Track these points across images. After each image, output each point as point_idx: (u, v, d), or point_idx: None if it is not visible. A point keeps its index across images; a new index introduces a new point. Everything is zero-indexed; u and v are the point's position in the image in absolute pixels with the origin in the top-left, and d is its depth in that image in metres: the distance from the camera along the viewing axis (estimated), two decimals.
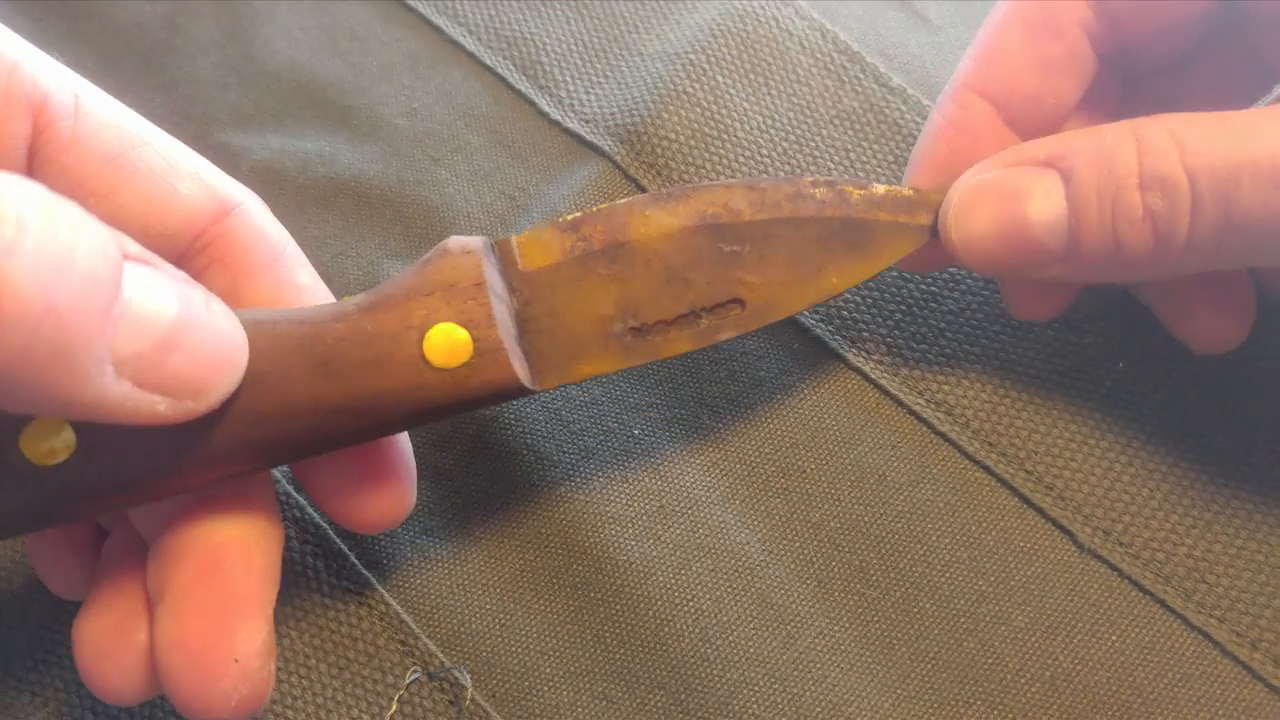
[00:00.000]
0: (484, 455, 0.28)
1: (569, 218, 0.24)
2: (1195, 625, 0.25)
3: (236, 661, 0.20)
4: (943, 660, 0.25)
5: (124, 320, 0.17)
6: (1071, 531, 0.26)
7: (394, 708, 0.25)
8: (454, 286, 0.21)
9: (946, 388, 0.28)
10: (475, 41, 0.34)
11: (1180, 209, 0.21)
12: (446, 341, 0.21)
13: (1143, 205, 0.22)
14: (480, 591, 0.27)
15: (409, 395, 0.21)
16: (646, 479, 0.27)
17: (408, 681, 0.25)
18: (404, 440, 0.24)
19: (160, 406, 0.18)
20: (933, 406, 0.28)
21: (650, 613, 0.26)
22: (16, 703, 0.25)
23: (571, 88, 0.33)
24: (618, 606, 0.26)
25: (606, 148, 0.31)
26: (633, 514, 0.27)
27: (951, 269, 0.29)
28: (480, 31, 0.34)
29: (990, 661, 0.25)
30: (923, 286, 0.29)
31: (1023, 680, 0.25)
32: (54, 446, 0.19)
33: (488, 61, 0.34)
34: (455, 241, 0.22)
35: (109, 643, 0.21)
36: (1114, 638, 0.25)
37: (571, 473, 0.28)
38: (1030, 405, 0.27)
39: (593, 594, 0.26)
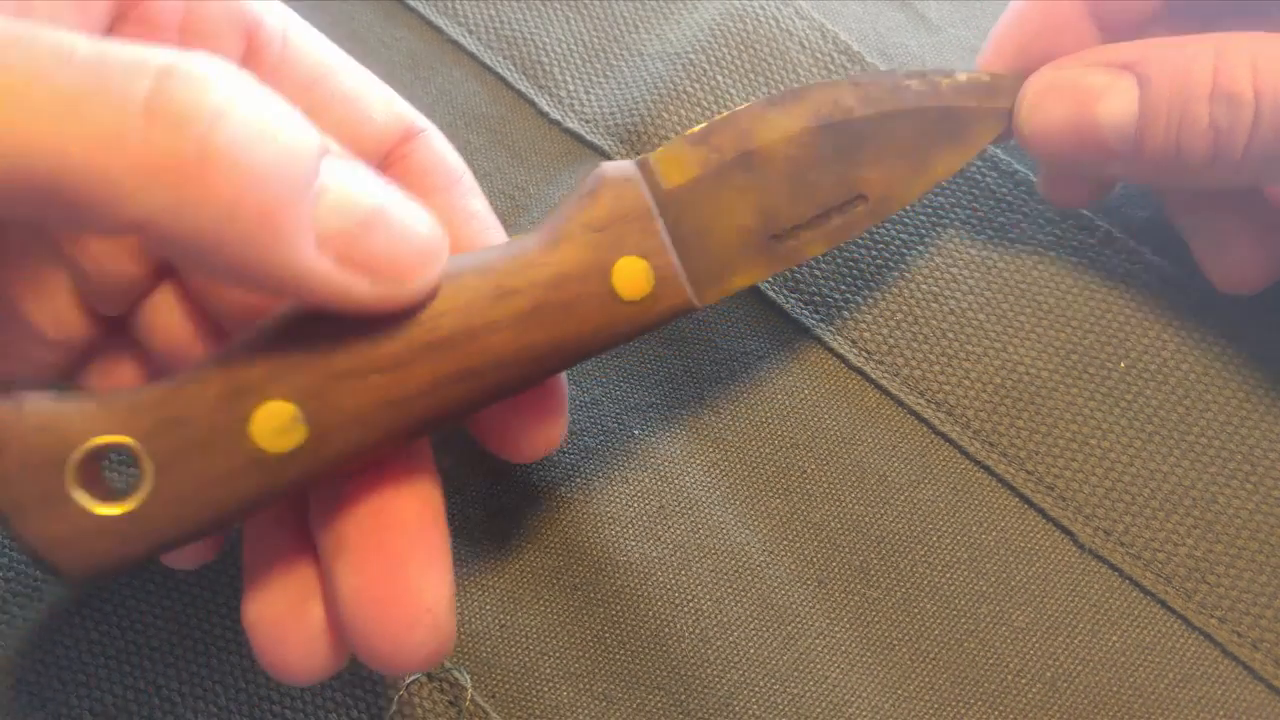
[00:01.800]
0: (484, 456, 0.28)
1: (696, 130, 0.24)
2: (1196, 625, 0.25)
3: (429, 611, 0.20)
4: (943, 660, 0.25)
5: (326, 196, 0.17)
6: (1072, 531, 0.26)
7: (394, 708, 0.25)
8: (626, 218, 0.21)
9: (946, 388, 0.28)
10: (475, 41, 0.34)
11: (1241, 125, 0.22)
12: (631, 275, 0.21)
13: (1208, 117, 0.23)
14: (480, 592, 0.27)
15: (602, 332, 0.21)
16: (646, 479, 0.27)
17: (407, 682, 0.25)
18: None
19: (362, 287, 0.18)
20: (933, 406, 0.28)
21: (650, 613, 0.26)
22: (16, 702, 0.25)
23: (571, 87, 0.33)
24: (618, 607, 0.26)
25: (606, 147, 0.31)
26: (633, 514, 0.27)
27: (955, 271, 0.29)
28: (480, 31, 0.34)
29: (991, 662, 0.25)
30: (923, 286, 0.29)
31: (1023, 680, 0.25)
32: (285, 435, 0.19)
33: (487, 61, 0.34)
34: (612, 170, 0.22)
35: (286, 622, 0.21)
36: (1115, 638, 0.25)
37: (571, 473, 0.28)
38: (1030, 405, 0.27)
39: (593, 594, 0.26)
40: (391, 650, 0.20)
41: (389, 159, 0.24)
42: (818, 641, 0.26)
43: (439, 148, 0.24)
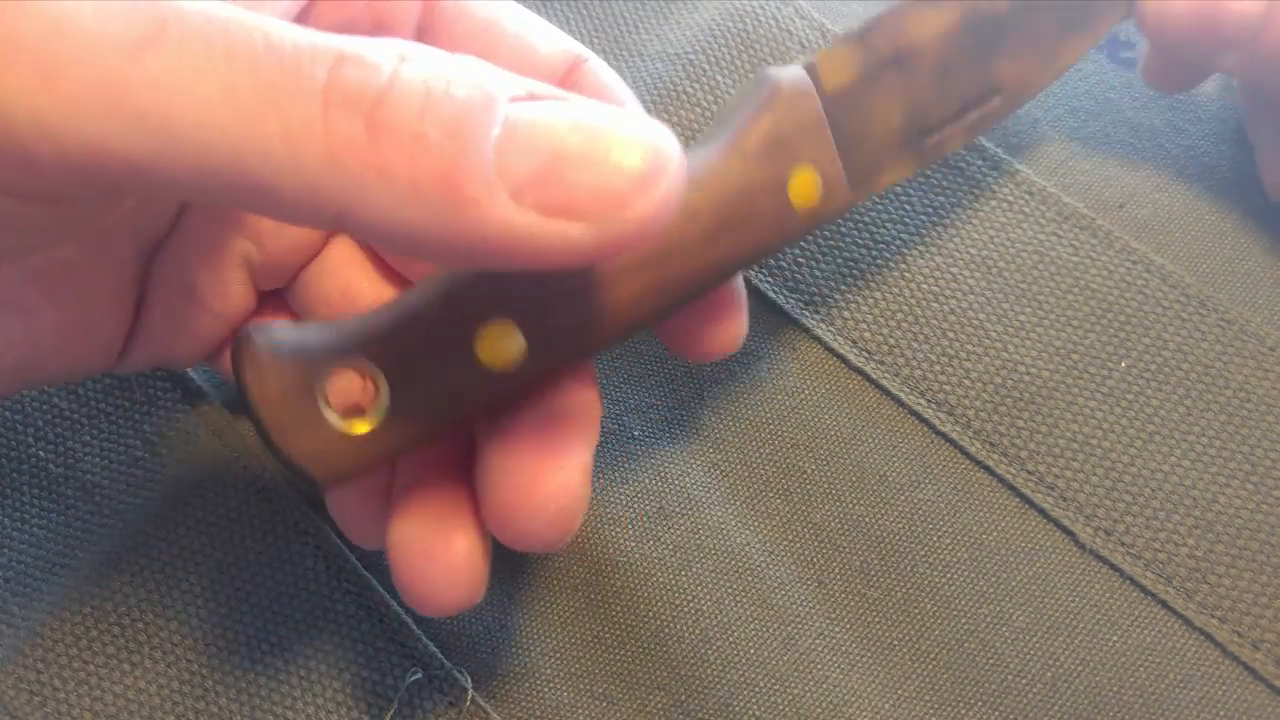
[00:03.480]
0: None
1: (855, 29, 0.24)
2: (1197, 626, 0.25)
3: (565, 490, 0.20)
4: (943, 661, 0.25)
5: (511, 140, 0.16)
6: (1073, 532, 0.26)
7: (394, 708, 0.25)
8: (801, 128, 0.22)
9: (947, 388, 0.28)
10: None
11: None
12: (805, 185, 0.22)
13: None
14: None
15: (777, 239, 0.22)
16: (646, 479, 0.27)
17: (408, 682, 0.25)
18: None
19: (576, 232, 0.16)
20: (933, 406, 0.28)
21: (650, 614, 0.26)
22: (15, 702, 0.25)
23: None
24: (618, 607, 0.26)
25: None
26: (633, 514, 0.27)
27: (955, 271, 0.29)
28: None
29: (991, 662, 0.25)
30: (924, 286, 0.29)
31: (1023, 681, 0.25)
32: (508, 352, 0.20)
33: None
34: (787, 79, 0.22)
35: (431, 547, 0.21)
36: (1115, 638, 0.25)
37: None
38: (1031, 405, 0.27)
39: (593, 595, 0.26)
40: (529, 526, 0.20)
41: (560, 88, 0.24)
42: (818, 642, 0.26)
43: (603, 73, 0.24)
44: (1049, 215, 0.29)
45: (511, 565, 0.27)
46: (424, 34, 0.23)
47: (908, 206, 0.30)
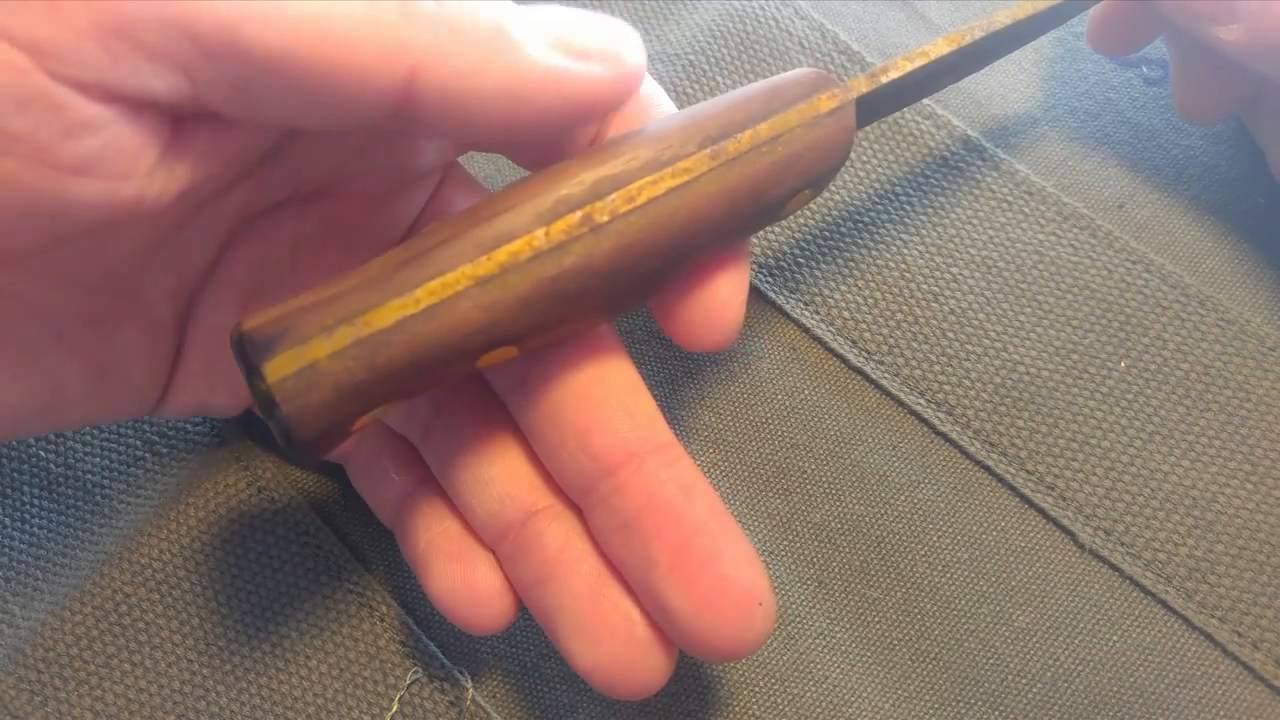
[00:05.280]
0: None
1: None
2: (1197, 625, 0.25)
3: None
4: (943, 661, 0.25)
5: (533, 18, 0.19)
6: (1072, 532, 0.26)
7: (394, 708, 0.25)
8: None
9: (947, 388, 0.28)
10: None
11: None
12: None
13: None
14: None
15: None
16: None
17: (408, 682, 0.25)
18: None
19: (597, 70, 0.20)
20: (933, 406, 0.28)
21: None
22: (16, 702, 0.25)
23: None
24: None
25: None
26: None
27: (955, 271, 0.29)
28: None
29: (991, 662, 0.25)
30: (924, 286, 0.29)
31: (1023, 680, 0.25)
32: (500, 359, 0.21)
33: None
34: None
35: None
36: (1115, 638, 0.25)
37: None
38: (1031, 405, 0.27)
39: None
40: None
41: None
42: (818, 641, 0.26)
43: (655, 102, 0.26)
44: (1049, 215, 0.29)
45: None
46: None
47: (908, 206, 0.30)
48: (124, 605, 0.26)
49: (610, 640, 0.21)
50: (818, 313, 0.29)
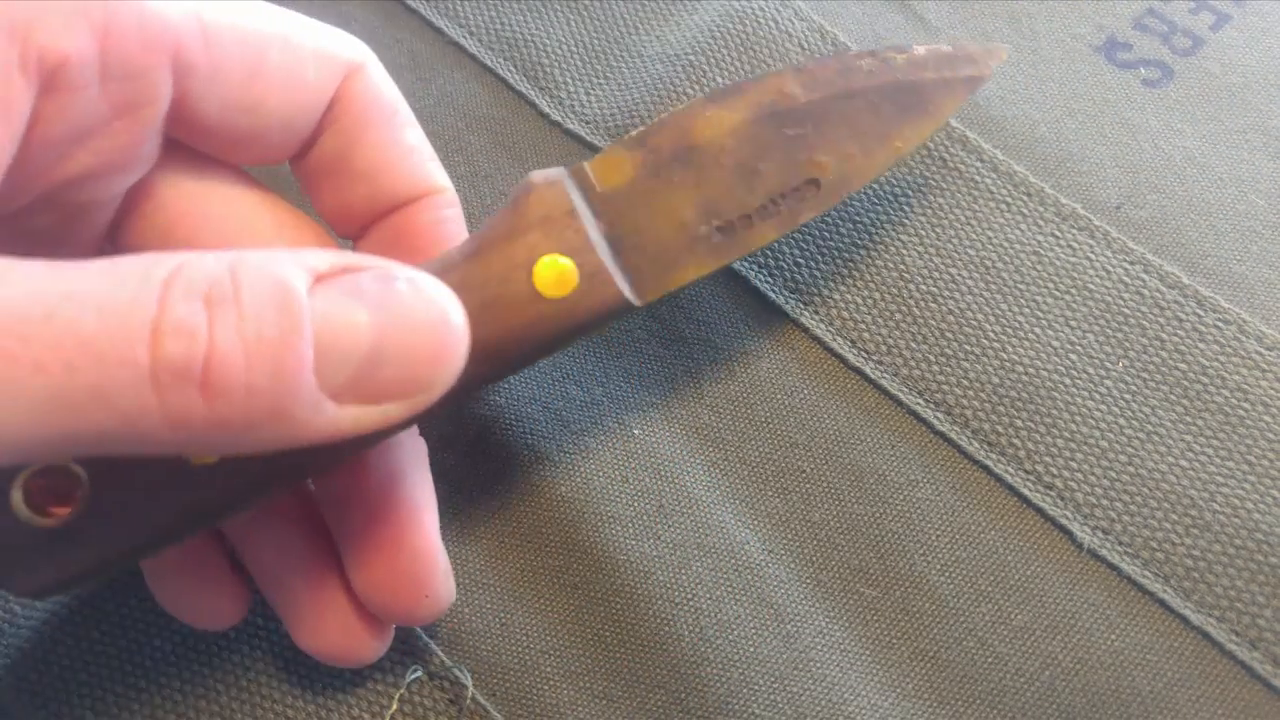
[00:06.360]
0: (484, 455, 0.28)
1: (634, 134, 0.24)
2: (1194, 625, 0.25)
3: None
4: (942, 660, 0.26)
5: (323, 359, 0.17)
6: (1071, 531, 0.26)
7: (394, 706, 0.25)
8: (549, 218, 0.22)
9: (946, 387, 0.28)
10: (476, 43, 0.34)
11: None
12: (554, 272, 0.22)
13: None
14: (480, 591, 0.27)
15: (528, 330, 0.22)
16: (646, 479, 0.27)
17: (408, 680, 0.25)
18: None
19: (394, 412, 0.18)
20: (932, 406, 0.28)
21: (650, 612, 0.26)
22: (16, 702, 0.25)
23: (572, 89, 0.33)
24: (617, 606, 0.26)
25: (607, 149, 0.31)
26: (633, 514, 0.27)
27: (955, 271, 0.29)
28: (481, 33, 0.34)
29: (989, 661, 0.25)
30: (923, 286, 0.29)
31: (1021, 680, 0.25)
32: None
33: (488, 63, 0.34)
34: (538, 176, 0.23)
35: (330, 638, 0.24)
36: (1113, 637, 0.25)
37: (571, 473, 0.28)
38: (1030, 405, 0.27)
39: (592, 593, 0.26)
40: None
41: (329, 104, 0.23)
42: (817, 640, 0.26)
43: (375, 82, 0.24)
44: (1047, 215, 0.29)
45: (511, 564, 0.27)
46: (183, 104, 0.21)
47: (906, 207, 0.30)
48: (125, 604, 0.26)
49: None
50: (817, 312, 0.29)
